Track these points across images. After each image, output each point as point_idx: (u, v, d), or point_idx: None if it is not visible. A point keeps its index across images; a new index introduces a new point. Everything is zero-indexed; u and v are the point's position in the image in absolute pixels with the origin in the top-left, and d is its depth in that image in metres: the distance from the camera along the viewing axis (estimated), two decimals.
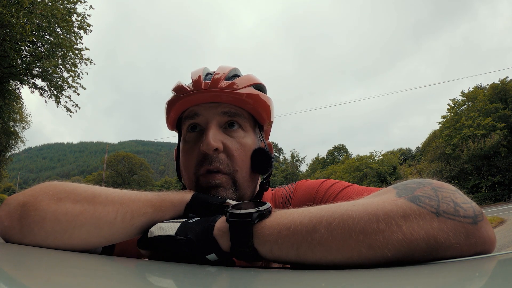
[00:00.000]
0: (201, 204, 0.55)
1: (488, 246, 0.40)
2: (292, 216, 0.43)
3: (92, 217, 0.52)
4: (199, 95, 0.67)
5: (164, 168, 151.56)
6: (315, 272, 0.37)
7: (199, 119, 0.68)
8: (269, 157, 0.70)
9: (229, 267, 0.47)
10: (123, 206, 0.54)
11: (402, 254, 0.38)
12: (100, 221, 0.52)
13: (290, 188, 0.78)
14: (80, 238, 0.51)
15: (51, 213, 0.51)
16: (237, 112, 0.69)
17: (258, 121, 0.75)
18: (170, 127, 0.78)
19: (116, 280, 0.36)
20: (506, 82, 29.33)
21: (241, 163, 0.67)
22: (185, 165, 0.69)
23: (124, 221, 0.53)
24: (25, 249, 0.52)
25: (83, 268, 0.44)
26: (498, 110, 27.91)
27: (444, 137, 30.31)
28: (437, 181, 0.45)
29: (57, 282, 0.31)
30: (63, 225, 0.50)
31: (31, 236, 0.50)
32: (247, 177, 0.68)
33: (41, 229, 0.50)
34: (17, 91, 13.31)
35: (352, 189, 0.65)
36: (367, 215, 0.39)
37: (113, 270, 0.43)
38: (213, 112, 0.67)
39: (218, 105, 0.68)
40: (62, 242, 0.51)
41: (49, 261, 0.45)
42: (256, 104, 0.70)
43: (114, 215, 0.52)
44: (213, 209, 0.54)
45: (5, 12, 8.36)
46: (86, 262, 0.48)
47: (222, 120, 0.68)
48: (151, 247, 0.51)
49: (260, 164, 0.70)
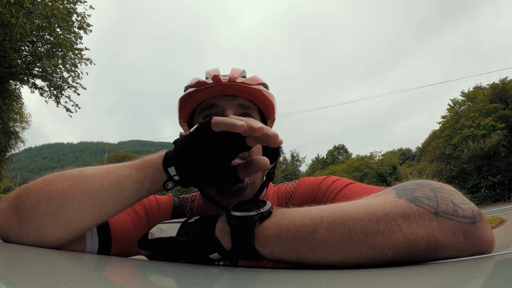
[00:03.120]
0: (178, 145, 0.57)
1: (487, 246, 0.40)
2: (293, 217, 0.44)
3: (82, 188, 0.53)
4: (219, 87, 0.74)
5: None
6: (315, 272, 0.38)
7: (216, 110, 0.75)
8: (278, 148, 0.77)
9: (230, 267, 0.47)
10: (109, 173, 0.56)
11: (402, 254, 0.38)
12: (89, 190, 0.53)
13: (293, 184, 0.80)
14: (74, 211, 0.52)
15: (44, 194, 0.52)
16: (250, 106, 0.77)
17: (265, 116, 0.83)
18: (182, 121, 0.82)
19: (117, 280, 0.36)
20: (506, 82, 29.32)
21: (256, 149, 0.73)
22: None
23: (112, 185, 0.54)
24: (25, 249, 0.52)
25: (83, 268, 0.44)
26: (498, 110, 27.91)
27: (444, 137, 30.30)
28: (436, 182, 0.45)
29: (57, 282, 0.31)
30: (56, 202, 0.51)
31: (28, 223, 0.51)
32: None
33: (37, 212, 0.51)
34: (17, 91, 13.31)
35: (353, 187, 0.66)
36: (367, 216, 0.39)
37: (114, 270, 0.43)
38: (229, 104, 0.75)
39: (234, 98, 0.75)
40: (58, 221, 0.51)
41: (49, 261, 0.45)
42: (266, 100, 0.78)
43: (101, 182, 0.54)
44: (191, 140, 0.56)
45: (5, 12, 8.35)
46: (86, 262, 0.48)
47: (237, 111, 0.75)
48: (152, 248, 0.51)
49: (270, 154, 0.77)
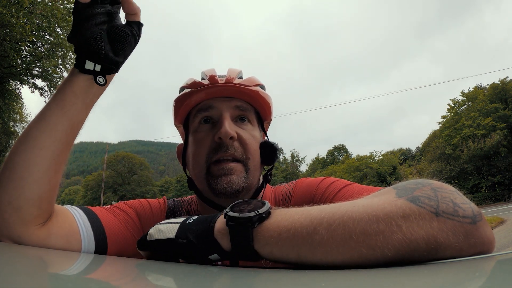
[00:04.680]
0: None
1: (487, 246, 0.40)
2: (292, 217, 0.43)
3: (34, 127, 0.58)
4: (215, 88, 0.73)
5: (164, 168, 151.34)
6: (315, 272, 0.37)
7: (213, 112, 0.74)
8: (275, 149, 0.76)
9: (230, 267, 0.47)
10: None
11: (402, 254, 0.38)
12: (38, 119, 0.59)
13: (290, 185, 0.79)
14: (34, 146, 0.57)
15: (8, 160, 0.57)
16: (247, 108, 0.76)
17: (262, 117, 0.81)
18: (178, 122, 0.81)
19: (117, 280, 0.36)
20: (506, 82, 29.33)
21: (253, 152, 0.73)
22: (195, 154, 0.73)
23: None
24: (25, 249, 0.52)
25: (83, 268, 0.44)
26: (498, 110, 27.92)
27: (444, 137, 30.31)
28: (436, 182, 0.45)
29: (57, 281, 0.31)
30: (20, 146, 0.57)
31: (8, 192, 0.54)
32: (257, 166, 0.74)
33: (10, 175, 0.55)
34: (17, 91, 13.32)
35: (352, 188, 0.66)
36: (367, 216, 0.39)
37: (114, 270, 0.43)
38: (226, 105, 0.74)
39: (231, 99, 0.74)
40: (28, 162, 0.55)
41: (49, 261, 0.45)
42: (263, 101, 0.77)
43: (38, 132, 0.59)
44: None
45: (5, 12, 8.36)
46: (87, 262, 0.48)
47: (234, 113, 0.74)
48: (151, 249, 0.51)
49: (268, 155, 0.76)
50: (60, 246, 0.58)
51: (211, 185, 0.69)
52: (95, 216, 0.67)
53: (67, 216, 0.63)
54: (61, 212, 0.62)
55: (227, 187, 0.68)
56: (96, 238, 0.63)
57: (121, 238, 0.69)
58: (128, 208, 0.76)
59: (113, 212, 0.72)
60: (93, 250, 0.63)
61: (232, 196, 0.68)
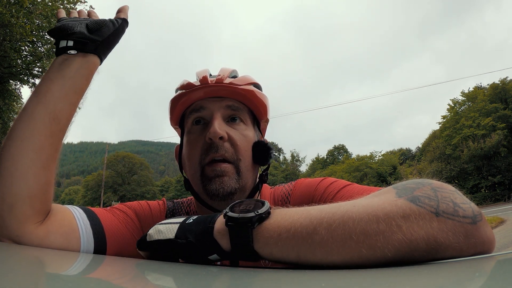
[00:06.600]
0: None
1: (487, 246, 0.40)
2: (292, 217, 0.43)
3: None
4: (206, 89, 0.73)
5: (164, 168, 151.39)
6: (315, 272, 0.37)
7: (205, 113, 0.73)
8: (268, 149, 0.75)
9: (230, 267, 0.47)
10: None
11: (402, 254, 0.38)
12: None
13: (289, 186, 0.79)
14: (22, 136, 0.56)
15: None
16: (239, 107, 0.75)
17: (257, 117, 0.80)
18: (173, 123, 0.82)
19: (117, 279, 0.36)
20: (506, 82, 29.35)
21: (244, 152, 0.71)
22: (189, 155, 0.73)
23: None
24: (24, 249, 0.52)
25: (83, 268, 0.44)
26: (498, 110, 27.93)
27: (444, 137, 30.32)
28: (436, 182, 0.45)
29: (57, 281, 0.31)
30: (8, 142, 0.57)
31: (0, 188, 0.54)
32: (249, 167, 0.73)
33: (0, 170, 0.55)
34: (17, 91, 13.32)
35: (351, 188, 0.65)
36: (367, 216, 0.39)
37: (113, 270, 0.43)
38: (217, 106, 0.73)
39: (222, 99, 0.74)
40: (12, 155, 0.55)
41: (49, 261, 0.45)
42: (256, 100, 0.76)
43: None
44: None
45: (5, 12, 8.36)
46: (86, 262, 0.48)
47: (226, 113, 0.73)
48: (151, 250, 0.51)
49: (261, 155, 0.74)
50: (59, 244, 0.58)
51: (205, 187, 0.69)
52: (94, 215, 0.67)
53: (67, 215, 0.63)
54: (60, 211, 0.62)
55: (219, 189, 0.67)
56: (95, 237, 0.63)
57: (120, 237, 0.69)
58: (128, 209, 0.76)
59: (112, 212, 0.72)
60: (92, 249, 0.63)
61: (226, 198, 0.68)
